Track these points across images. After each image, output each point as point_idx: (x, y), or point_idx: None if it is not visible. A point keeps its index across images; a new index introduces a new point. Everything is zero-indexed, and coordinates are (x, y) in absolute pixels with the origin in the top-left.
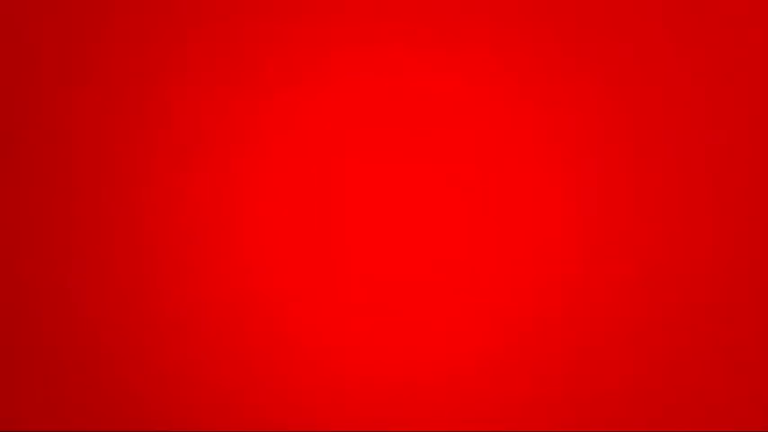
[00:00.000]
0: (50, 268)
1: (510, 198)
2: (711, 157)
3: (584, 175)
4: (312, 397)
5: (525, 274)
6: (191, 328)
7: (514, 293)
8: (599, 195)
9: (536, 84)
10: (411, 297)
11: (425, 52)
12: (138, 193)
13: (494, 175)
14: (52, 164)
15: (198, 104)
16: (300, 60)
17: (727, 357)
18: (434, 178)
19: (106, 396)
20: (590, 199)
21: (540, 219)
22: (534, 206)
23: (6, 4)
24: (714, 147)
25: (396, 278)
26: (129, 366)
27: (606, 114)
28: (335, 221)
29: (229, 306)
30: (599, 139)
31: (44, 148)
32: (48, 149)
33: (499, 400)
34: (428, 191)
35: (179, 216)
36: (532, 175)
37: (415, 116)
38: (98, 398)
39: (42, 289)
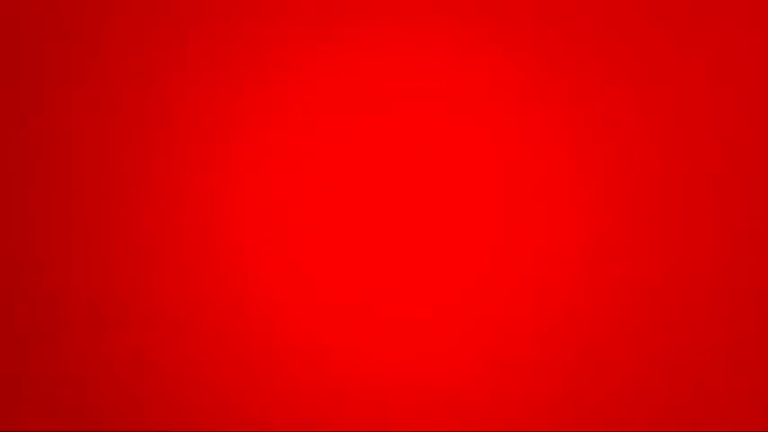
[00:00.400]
0: (49, 268)
1: (510, 198)
2: (711, 158)
3: (583, 177)
4: (312, 397)
5: (525, 275)
6: (190, 328)
7: (514, 294)
8: (599, 196)
9: (536, 86)
10: (411, 297)
11: (429, 53)
12: (137, 193)
13: (493, 176)
14: (52, 164)
15: (198, 104)
16: (301, 60)
17: (727, 357)
18: (434, 178)
19: (106, 396)
20: (590, 199)
21: (541, 219)
22: (535, 207)
23: (6, 4)
24: (714, 147)
25: (396, 278)
26: (129, 366)
27: (606, 116)
28: (336, 222)
29: (229, 306)
30: (599, 140)
31: (44, 147)
32: (48, 149)
33: (499, 400)
34: (428, 191)
35: (178, 216)
36: (532, 176)
37: (417, 117)
38: (98, 398)
39: (41, 288)
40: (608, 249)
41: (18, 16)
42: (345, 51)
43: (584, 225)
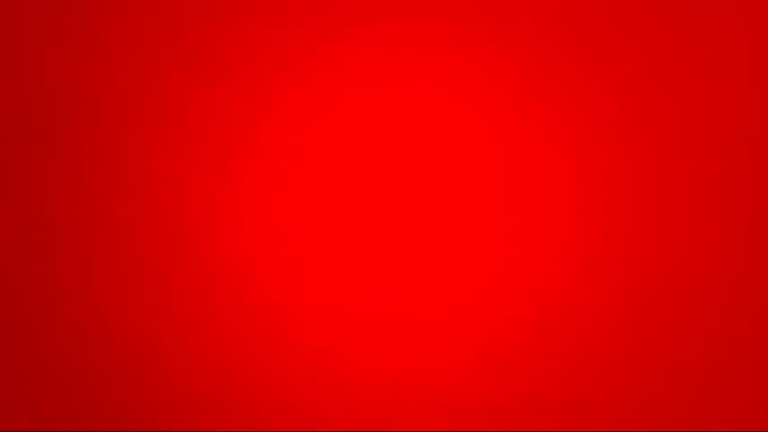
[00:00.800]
0: (49, 268)
1: (510, 198)
2: (711, 158)
3: (583, 177)
4: (312, 397)
5: (525, 275)
6: (190, 328)
7: (515, 294)
8: (599, 196)
9: (536, 86)
10: (411, 297)
11: (429, 53)
12: (137, 194)
13: (493, 176)
14: (52, 163)
15: (198, 104)
16: (302, 60)
17: (727, 357)
18: (434, 179)
19: (106, 396)
20: (590, 199)
21: (541, 219)
22: (535, 207)
23: (6, 4)
24: (714, 147)
25: (396, 278)
26: (129, 366)
27: (606, 116)
28: (336, 221)
29: (229, 306)
30: (599, 140)
31: (44, 147)
32: (47, 149)
33: (499, 400)
34: (428, 191)
35: (178, 216)
36: (532, 176)
37: (417, 117)
38: (98, 398)
39: (41, 289)
40: (608, 249)
41: (18, 16)
42: (345, 51)
43: (585, 225)
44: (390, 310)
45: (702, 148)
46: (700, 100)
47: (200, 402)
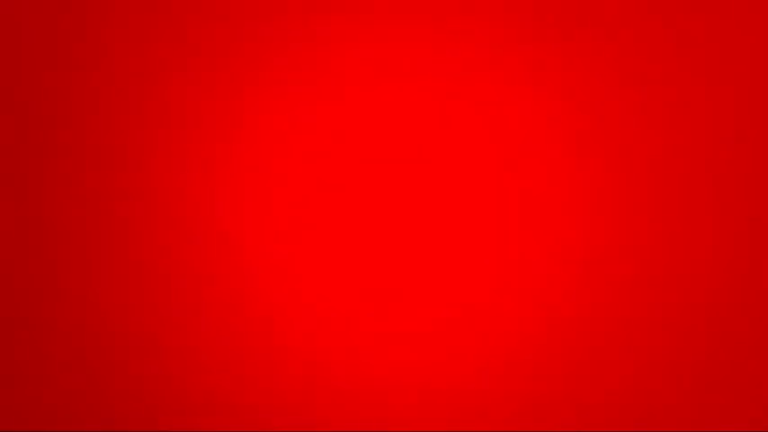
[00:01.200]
0: (49, 268)
1: (510, 199)
2: (712, 158)
3: (583, 177)
4: (312, 397)
5: (525, 275)
6: (190, 329)
7: (515, 294)
8: (599, 196)
9: (536, 87)
10: (411, 298)
11: (429, 53)
12: (138, 194)
13: (494, 177)
14: (52, 164)
15: (198, 104)
16: (303, 60)
17: (727, 357)
18: (435, 180)
19: (107, 396)
20: (590, 199)
21: (541, 219)
22: (535, 207)
23: (6, 4)
24: (714, 147)
25: (396, 279)
26: (129, 366)
27: (606, 116)
28: (336, 222)
29: (229, 306)
30: (600, 140)
31: (44, 147)
32: (47, 149)
33: (499, 400)
34: (428, 192)
35: (179, 216)
36: (532, 177)
37: (418, 118)
38: (98, 398)
39: (41, 289)
40: (608, 250)
41: (18, 16)
42: (345, 51)
43: (585, 225)
44: (390, 311)
45: (702, 148)
46: (700, 100)
47: (200, 402)
